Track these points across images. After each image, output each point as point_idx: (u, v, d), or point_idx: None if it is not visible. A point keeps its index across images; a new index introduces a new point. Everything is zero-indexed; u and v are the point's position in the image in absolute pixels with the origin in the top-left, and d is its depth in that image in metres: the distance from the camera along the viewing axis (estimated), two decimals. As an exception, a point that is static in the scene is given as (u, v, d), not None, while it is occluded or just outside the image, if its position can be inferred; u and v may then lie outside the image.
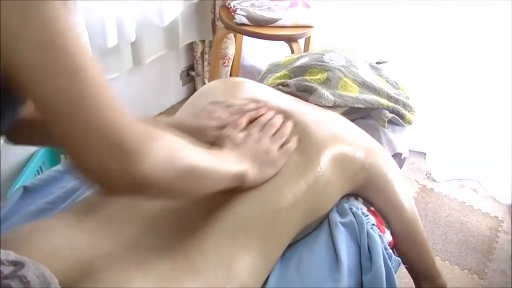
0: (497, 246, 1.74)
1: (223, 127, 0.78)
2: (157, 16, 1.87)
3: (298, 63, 1.12)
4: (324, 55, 1.11)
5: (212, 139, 0.76)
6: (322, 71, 1.06)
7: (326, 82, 1.04)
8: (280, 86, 1.04)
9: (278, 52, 2.21)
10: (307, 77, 1.05)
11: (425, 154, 2.18)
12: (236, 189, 0.69)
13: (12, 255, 0.52)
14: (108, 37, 1.64)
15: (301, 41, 2.21)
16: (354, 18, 2.16)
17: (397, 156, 1.12)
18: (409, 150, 2.18)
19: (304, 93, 1.03)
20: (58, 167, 1.04)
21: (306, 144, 0.79)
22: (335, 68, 1.07)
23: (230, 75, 2.58)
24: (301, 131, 0.81)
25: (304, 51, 2.26)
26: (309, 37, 2.19)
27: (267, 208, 0.71)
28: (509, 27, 1.70)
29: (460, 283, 1.60)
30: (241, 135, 0.76)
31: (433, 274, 0.96)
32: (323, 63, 1.08)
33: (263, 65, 2.50)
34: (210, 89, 0.98)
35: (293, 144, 0.78)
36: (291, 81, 1.04)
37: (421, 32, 1.98)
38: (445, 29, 1.91)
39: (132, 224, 0.64)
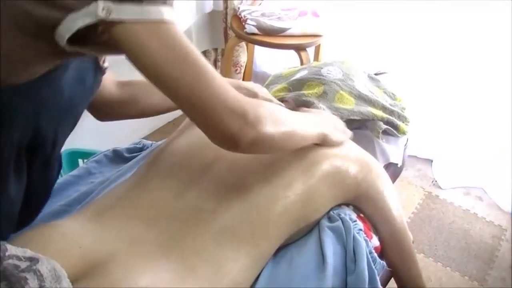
0: (499, 255, 1.77)
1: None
2: (170, 26, 1.95)
3: (297, 76, 1.18)
4: (322, 68, 1.17)
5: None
6: (320, 85, 1.12)
7: (323, 96, 1.10)
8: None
9: (289, 59, 2.28)
10: (304, 91, 1.11)
11: (432, 161, 2.21)
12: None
13: (29, 252, 0.59)
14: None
15: (312, 50, 2.27)
16: (363, 27, 2.21)
17: (392, 166, 1.18)
18: (416, 157, 2.23)
19: (302, 107, 1.09)
20: (75, 172, 1.12)
21: (301, 156, 0.85)
22: (332, 81, 1.13)
23: (243, 82, 2.65)
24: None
25: (314, 59, 2.32)
26: (319, 45, 2.25)
27: (258, 215, 0.77)
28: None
29: (460, 289, 1.64)
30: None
31: (418, 284, 1.00)
32: (321, 77, 1.14)
33: (274, 72, 2.57)
34: None
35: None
36: (289, 96, 1.11)
37: (430, 39, 2.02)
38: (453, 37, 1.95)
39: (133, 225, 0.71)
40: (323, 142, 0.86)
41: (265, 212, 0.77)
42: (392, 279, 1.03)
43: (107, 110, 0.96)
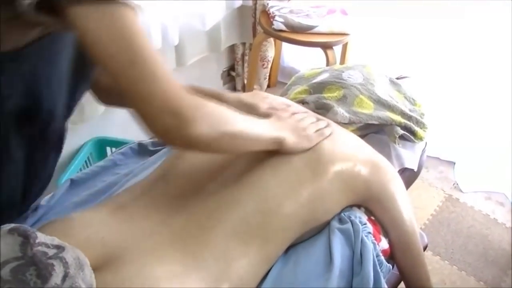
0: (517, 261, 1.77)
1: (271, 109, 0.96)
2: (199, 21, 2.00)
3: (319, 78, 1.21)
4: (343, 72, 1.20)
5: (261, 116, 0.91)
6: (340, 88, 1.15)
7: (343, 100, 1.13)
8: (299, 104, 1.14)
9: (316, 55, 2.29)
10: (324, 95, 1.14)
11: (454, 163, 2.20)
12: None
13: (56, 241, 0.65)
14: (152, 41, 1.78)
15: (339, 48, 2.28)
16: (391, 27, 2.20)
17: (408, 170, 1.19)
18: (439, 159, 2.23)
19: (321, 110, 1.12)
20: (101, 163, 1.18)
21: (312, 159, 0.89)
22: (352, 85, 1.15)
23: (269, 77, 2.69)
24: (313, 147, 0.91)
25: (340, 58, 2.33)
26: (346, 44, 2.26)
27: (269, 216, 0.81)
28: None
29: (474, 294, 1.65)
30: (286, 114, 0.93)
31: (426, 287, 1.02)
32: (341, 81, 1.16)
33: (302, 67, 2.59)
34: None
35: (328, 130, 0.93)
36: (310, 99, 1.13)
37: (457, 43, 2.01)
38: (482, 41, 1.93)
39: (151, 221, 0.76)
40: (281, 148, 0.85)
41: (276, 213, 0.81)
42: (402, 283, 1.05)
43: (104, 96, 0.96)
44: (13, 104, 0.68)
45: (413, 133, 1.16)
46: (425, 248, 1.19)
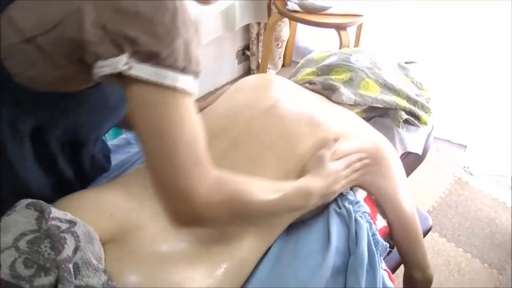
0: (523, 245, 1.78)
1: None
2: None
3: (327, 61, 1.23)
4: (351, 55, 1.21)
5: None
6: (347, 71, 1.17)
7: (349, 82, 1.15)
8: (307, 84, 1.17)
9: (330, 35, 2.29)
10: (332, 76, 1.16)
11: (466, 147, 2.20)
12: None
13: (69, 216, 0.70)
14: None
15: (354, 30, 2.27)
16: (406, 10, 2.18)
17: (412, 154, 1.21)
18: (450, 142, 2.23)
19: (328, 91, 1.14)
20: (115, 141, 1.23)
21: (316, 144, 0.92)
22: (359, 69, 1.17)
23: (284, 56, 2.70)
24: (317, 127, 0.94)
25: (355, 40, 2.33)
26: (361, 25, 2.25)
27: None
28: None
29: (478, 276, 1.67)
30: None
31: (423, 265, 1.05)
32: (349, 64, 1.18)
33: (316, 48, 2.59)
34: (244, 85, 1.11)
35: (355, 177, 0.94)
36: (317, 80, 1.16)
37: (468, 26, 1.99)
38: (493, 24, 1.91)
39: (154, 202, 0.81)
40: (311, 197, 0.84)
41: None
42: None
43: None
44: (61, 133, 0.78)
45: (417, 117, 1.17)
46: (429, 230, 1.23)
